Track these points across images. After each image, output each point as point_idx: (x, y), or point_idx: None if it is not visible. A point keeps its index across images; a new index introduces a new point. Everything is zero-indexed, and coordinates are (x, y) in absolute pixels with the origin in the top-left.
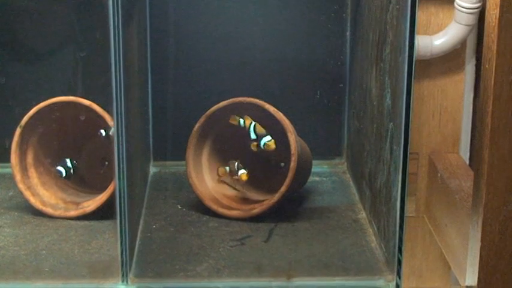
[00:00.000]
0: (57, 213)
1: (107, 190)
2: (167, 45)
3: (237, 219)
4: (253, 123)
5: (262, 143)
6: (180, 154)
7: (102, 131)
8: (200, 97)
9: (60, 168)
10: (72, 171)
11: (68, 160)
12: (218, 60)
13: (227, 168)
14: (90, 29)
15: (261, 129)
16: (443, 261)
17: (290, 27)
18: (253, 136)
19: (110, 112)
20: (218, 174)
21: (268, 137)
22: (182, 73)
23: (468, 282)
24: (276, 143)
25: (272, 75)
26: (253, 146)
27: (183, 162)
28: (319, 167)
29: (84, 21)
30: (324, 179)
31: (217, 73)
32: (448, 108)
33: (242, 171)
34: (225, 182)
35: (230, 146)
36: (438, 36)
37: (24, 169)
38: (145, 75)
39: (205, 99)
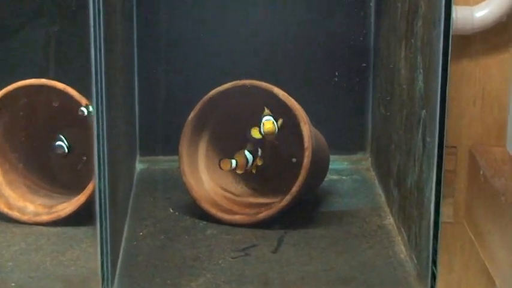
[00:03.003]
0: (25, 217)
1: (84, 190)
2: (156, 25)
3: (240, 225)
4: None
5: (260, 124)
6: (171, 148)
7: (83, 109)
8: (195, 82)
9: (60, 143)
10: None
11: (62, 136)
12: (215, 38)
13: (233, 161)
14: None
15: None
16: (487, 275)
17: None
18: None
19: (88, 98)
20: (220, 167)
21: (268, 117)
22: (173, 55)
23: None
24: (276, 125)
25: (281, 54)
26: (254, 133)
27: (176, 158)
28: (337, 163)
29: None
30: (344, 177)
31: (215, 54)
32: (492, 93)
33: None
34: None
35: (232, 138)
36: (480, 7)
37: None
38: (130, 58)
39: (201, 84)
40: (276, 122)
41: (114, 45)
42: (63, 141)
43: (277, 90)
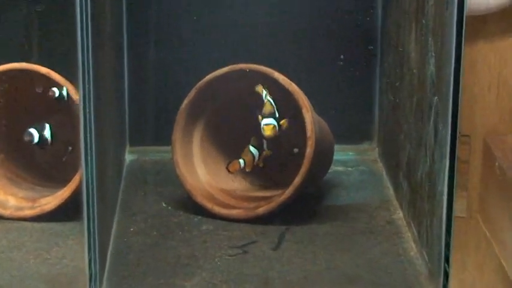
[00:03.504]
0: (7, 212)
1: (70, 183)
2: (147, 9)
3: (237, 220)
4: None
5: (261, 125)
6: (164, 137)
7: (55, 90)
8: (189, 67)
9: (32, 130)
10: (49, 139)
11: (47, 125)
12: (210, 19)
13: (241, 161)
14: None
15: (269, 107)
16: (502, 274)
17: None
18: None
19: (74, 83)
20: (229, 170)
21: (268, 120)
22: (165, 39)
23: None
24: (277, 126)
25: (280, 36)
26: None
27: (168, 148)
28: (343, 153)
29: None
30: (350, 169)
31: (210, 36)
32: (509, 78)
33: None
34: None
35: (229, 127)
36: None
37: None
38: (120, 41)
39: (195, 70)
40: (277, 122)
41: (102, 27)
42: (40, 129)
43: (277, 75)
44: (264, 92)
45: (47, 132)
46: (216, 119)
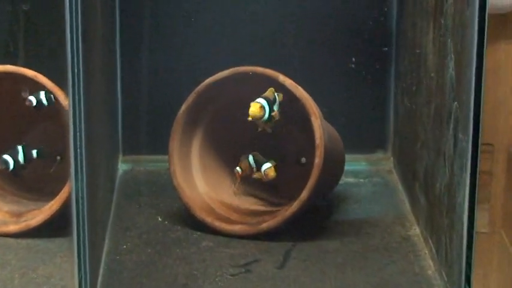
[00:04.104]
0: None
1: (58, 196)
2: (140, 14)
3: (240, 236)
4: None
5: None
6: (160, 146)
7: (32, 98)
8: (186, 70)
9: (6, 157)
10: (23, 163)
11: (19, 148)
12: (210, 18)
13: (238, 169)
14: None
15: (269, 93)
16: None
17: None
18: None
19: (63, 87)
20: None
21: (258, 99)
22: (161, 40)
23: None
24: (268, 108)
25: (287, 36)
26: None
27: (165, 157)
28: (354, 163)
29: None
30: (362, 180)
31: (209, 37)
32: None
33: (267, 166)
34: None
35: (232, 135)
36: None
37: None
38: (112, 45)
39: (192, 74)
40: (269, 105)
41: (93, 30)
42: (14, 154)
43: (283, 78)
44: (275, 94)
45: (21, 157)
46: (217, 126)
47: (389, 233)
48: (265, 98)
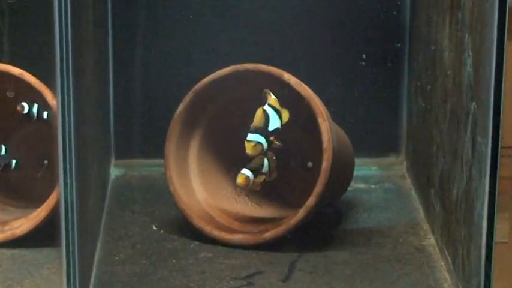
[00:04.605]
0: None
1: (46, 203)
2: (133, 10)
3: (241, 246)
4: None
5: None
6: (155, 149)
7: (24, 105)
8: (182, 70)
9: None
10: (4, 162)
11: (3, 147)
12: (208, 15)
13: (248, 173)
14: None
15: (258, 120)
16: None
17: None
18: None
19: (51, 86)
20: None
21: (252, 135)
22: (154, 40)
23: None
24: (263, 146)
25: (293, 31)
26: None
27: (160, 162)
28: (364, 168)
29: None
30: (373, 186)
31: (207, 34)
32: None
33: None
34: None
35: (232, 137)
36: None
37: None
38: (104, 44)
39: (189, 73)
40: (264, 136)
41: (84, 29)
42: None
43: (288, 77)
44: (271, 97)
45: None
46: (216, 128)
47: (402, 243)
48: (256, 131)
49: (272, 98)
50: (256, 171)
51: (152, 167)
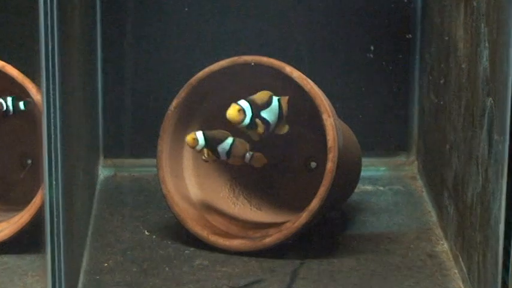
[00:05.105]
0: None
1: (29, 206)
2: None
3: (240, 253)
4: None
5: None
6: (146, 148)
7: (2, 102)
8: (174, 64)
9: None
10: None
11: None
12: (204, 7)
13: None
14: None
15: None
16: None
17: None
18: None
19: (35, 80)
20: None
21: (243, 102)
22: (147, 30)
23: None
24: (245, 116)
25: (295, 21)
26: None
27: (153, 161)
28: (372, 168)
29: None
30: (381, 188)
31: (204, 26)
32: None
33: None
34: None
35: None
36: None
37: None
38: (92, 36)
39: (182, 67)
40: (253, 109)
41: (70, 22)
42: None
43: (290, 70)
44: (285, 99)
45: None
46: (213, 125)
47: (413, 249)
48: (250, 101)
49: (286, 100)
50: (211, 142)
51: (144, 167)
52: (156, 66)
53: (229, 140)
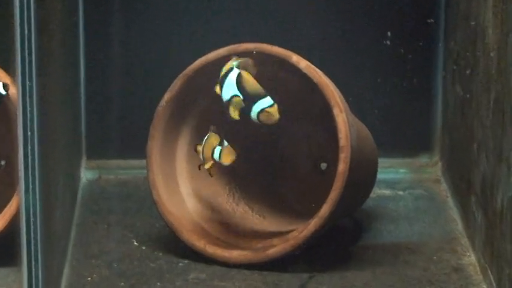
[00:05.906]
0: None
1: (3, 213)
2: None
3: (240, 265)
4: (237, 71)
5: (255, 110)
6: (135, 148)
7: None
8: (165, 55)
9: None
10: None
11: None
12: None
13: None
14: None
15: (253, 84)
16: None
17: None
18: (233, 92)
19: (9, 71)
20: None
21: (268, 100)
22: (132, 24)
23: None
24: (281, 111)
25: (304, 5)
26: (233, 112)
27: (142, 163)
28: (391, 170)
29: None
30: (401, 192)
31: (198, 16)
32: None
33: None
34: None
35: (228, 132)
36: None
37: None
38: (74, 25)
39: (173, 58)
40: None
41: (50, 18)
42: None
43: (297, 59)
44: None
45: None
46: (210, 122)
47: (436, 261)
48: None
49: (247, 74)
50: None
51: (132, 169)
52: (145, 57)
53: (217, 149)
